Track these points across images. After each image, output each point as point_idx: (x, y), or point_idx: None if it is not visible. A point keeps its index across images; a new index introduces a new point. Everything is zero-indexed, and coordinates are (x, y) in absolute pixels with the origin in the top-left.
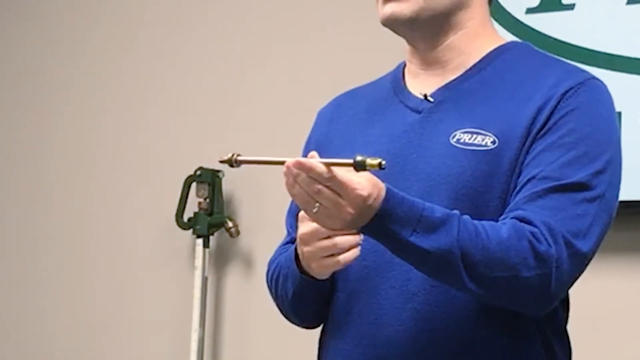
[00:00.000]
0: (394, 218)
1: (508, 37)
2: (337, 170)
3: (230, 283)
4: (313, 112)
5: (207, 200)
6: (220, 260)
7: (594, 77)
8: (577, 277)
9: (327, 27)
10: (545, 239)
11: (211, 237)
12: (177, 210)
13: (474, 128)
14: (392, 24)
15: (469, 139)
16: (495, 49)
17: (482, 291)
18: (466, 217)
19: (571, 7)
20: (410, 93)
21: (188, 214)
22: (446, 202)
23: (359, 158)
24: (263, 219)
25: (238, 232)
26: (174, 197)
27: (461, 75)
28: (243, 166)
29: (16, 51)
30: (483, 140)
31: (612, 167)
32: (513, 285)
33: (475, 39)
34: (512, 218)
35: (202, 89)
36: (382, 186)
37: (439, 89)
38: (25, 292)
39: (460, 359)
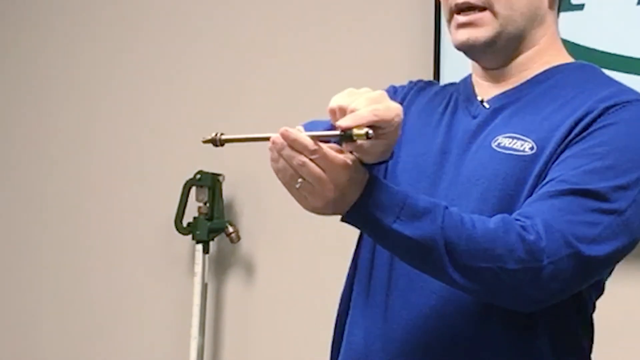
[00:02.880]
0: (377, 203)
1: None
2: (324, 146)
3: (231, 289)
4: (315, 116)
5: (207, 204)
6: (220, 266)
7: None
8: (584, 284)
9: (328, 26)
10: (536, 232)
11: (211, 243)
12: (177, 214)
13: (515, 133)
14: (468, 50)
15: (509, 144)
16: (559, 66)
17: (467, 282)
18: (454, 208)
19: (580, 7)
20: (474, 98)
21: (187, 218)
22: (475, 203)
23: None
24: (264, 224)
25: (239, 238)
26: (173, 202)
27: (519, 85)
28: (244, 170)
29: (13, 52)
30: (522, 145)
31: None
32: (499, 277)
33: (544, 56)
34: (517, 214)
35: (202, 91)
36: (365, 171)
37: (495, 96)
38: (22, 298)
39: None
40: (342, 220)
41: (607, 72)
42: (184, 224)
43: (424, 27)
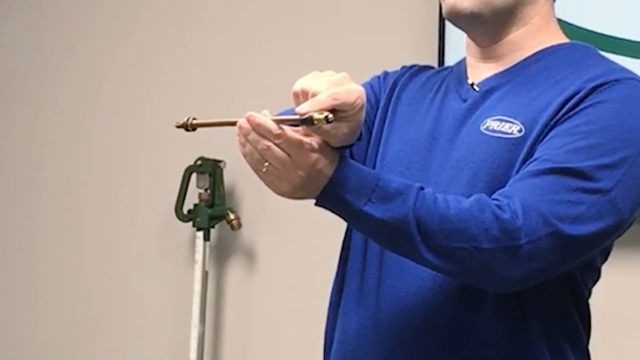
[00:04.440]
0: (348, 186)
1: None
2: (288, 130)
3: (232, 277)
4: None
5: (208, 191)
6: (221, 254)
7: (637, 78)
8: (567, 264)
9: (331, 15)
10: (513, 211)
11: (212, 230)
12: (177, 201)
13: (504, 116)
14: (454, 17)
15: (497, 127)
16: (552, 46)
17: (441, 263)
18: (429, 189)
19: None
20: (465, 82)
21: (188, 205)
22: (464, 189)
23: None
24: (266, 211)
25: (240, 225)
26: (173, 188)
27: (510, 67)
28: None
29: (11, 39)
30: (510, 128)
31: (629, 167)
32: (474, 257)
33: (537, 36)
34: (497, 193)
35: (203, 76)
36: (337, 153)
37: (486, 79)
38: (19, 287)
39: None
40: (316, 204)
41: (613, 56)
42: (185, 211)
43: (428, 14)
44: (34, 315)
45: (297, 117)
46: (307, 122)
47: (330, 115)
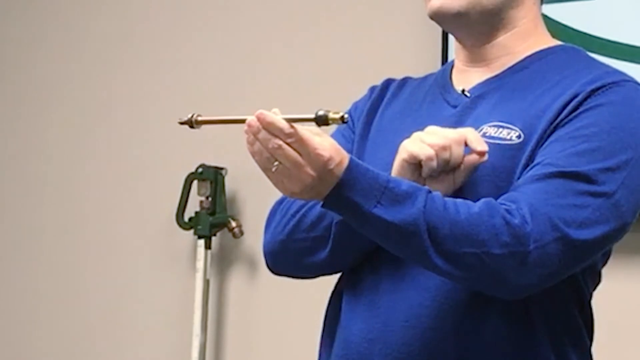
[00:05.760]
0: (357, 188)
1: None
2: (300, 129)
3: (233, 286)
4: (321, 106)
5: (209, 199)
6: (222, 262)
7: (633, 80)
8: (573, 268)
9: (334, 19)
10: (522, 216)
11: (213, 238)
12: (178, 209)
13: (501, 122)
14: (440, 18)
15: (495, 133)
16: (542, 50)
17: (451, 268)
18: (437, 192)
19: None
20: (452, 88)
21: (189, 213)
22: (463, 197)
23: (320, 112)
24: None
25: (242, 233)
26: (174, 196)
27: (502, 72)
28: (247, 163)
29: (12, 47)
30: (508, 134)
31: (631, 170)
32: (484, 263)
33: (526, 39)
34: (503, 198)
35: (204, 84)
36: (346, 154)
37: (477, 85)
38: (18, 296)
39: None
40: (323, 206)
41: (619, 63)
42: (186, 218)
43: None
44: (35, 324)
45: (309, 116)
46: (321, 120)
47: (346, 115)
